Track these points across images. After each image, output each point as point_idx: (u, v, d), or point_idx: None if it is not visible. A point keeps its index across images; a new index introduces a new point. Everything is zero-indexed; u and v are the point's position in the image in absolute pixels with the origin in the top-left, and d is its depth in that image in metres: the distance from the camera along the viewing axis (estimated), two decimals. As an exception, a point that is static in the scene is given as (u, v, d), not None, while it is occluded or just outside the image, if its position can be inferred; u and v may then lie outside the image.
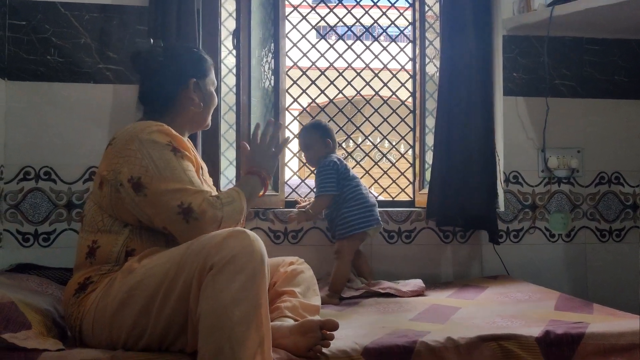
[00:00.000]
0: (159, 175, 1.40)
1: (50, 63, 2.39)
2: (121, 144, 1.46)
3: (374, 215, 2.29)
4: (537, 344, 1.53)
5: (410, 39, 2.88)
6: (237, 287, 1.22)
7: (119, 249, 1.45)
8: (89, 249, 1.46)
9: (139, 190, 1.40)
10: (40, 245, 2.36)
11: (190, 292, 1.26)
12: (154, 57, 1.64)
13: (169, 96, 1.63)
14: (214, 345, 1.19)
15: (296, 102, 2.84)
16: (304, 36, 2.82)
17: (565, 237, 2.71)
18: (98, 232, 1.47)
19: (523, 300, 2.05)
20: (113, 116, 2.41)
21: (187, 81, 1.64)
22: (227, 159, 2.71)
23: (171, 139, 1.48)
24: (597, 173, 2.75)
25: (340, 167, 2.29)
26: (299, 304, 1.65)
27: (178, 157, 1.45)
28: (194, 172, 1.47)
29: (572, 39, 2.73)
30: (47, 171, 2.38)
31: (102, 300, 1.37)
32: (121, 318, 1.34)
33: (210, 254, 1.25)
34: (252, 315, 1.22)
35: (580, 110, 2.74)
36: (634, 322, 1.66)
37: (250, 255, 1.26)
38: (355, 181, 2.31)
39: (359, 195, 2.28)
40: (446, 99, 2.50)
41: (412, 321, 1.77)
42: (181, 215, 1.38)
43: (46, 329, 1.47)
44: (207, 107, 1.70)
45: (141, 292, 1.32)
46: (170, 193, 1.39)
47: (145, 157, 1.42)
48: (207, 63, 1.72)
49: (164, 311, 1.30)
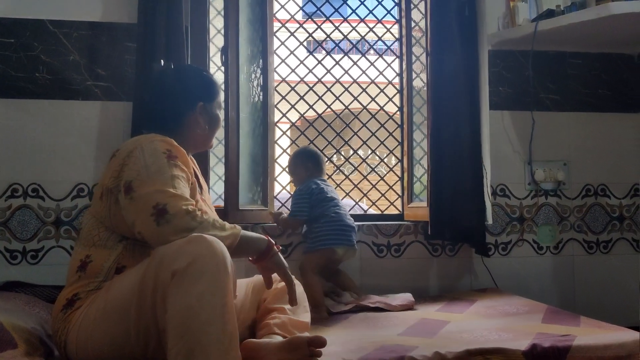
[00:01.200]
0: (148, 179, 1.39)
1: (38, 80, 2.40)
2: (125, 153, 1.46)
3: (346, 235, 2.30)
4: (524, 357, 1.54)
5: (397, 54, 2.92)
6: (202, 288, 1.21)
7: (110, 264, 1.44)
8: (81, 263, 1.45)
9: (128, 193, 1.39)
10: (28, 262, 2.35)
11: (157, 303, 1.26)
12: (165, 79, 1.66)
13: (177, 118, 1.64)
14: (184, 348, 1.18)
15: (285, 117, 2.86)
16: (292, 52, 2.85)
17: (553, 250, 2.73)
18: (93, 246, 1.46)
19: (511, 313, 2.06)
20: (101, 133, 2.42)
21: (195, 104, 1.65)
22: (217, 174, 2.72)
23: (171, 148, 1.48)
24: (584, 185, 2.78)
25: (315, 191, 2.35)
26: (288, 320, 1.65)
27: (171, 164, 1.43)
28: (183, 181, 1.44)
29: (556, 53, 2.77)
30: (35, 188, 2.38)
31: (85, 319, 1.37)
32: (99, 334, 1.33)
33: (172, 261, 1.23)
34: (219, 315, 1.21)
35: (565, 123, 2.77)
36: (620, 334, 1.67)
37: (212, 256, 1.24)
38: (334, 202, 2.35)
39: (334, 214, 2.31)
40: (436, 113, 2.52)
41: (400, 336, 1.78)
42: (153, 216, 1.33)
43: (32, 348, 1.46)
44: (212, 129, 1.71)
45: (113, 307, 1.32)
46: (151, 194, 1.36)
47: (140, 162, 1.42)
48: (216, 87, 1.73)
49: (139, 324, 1.30)
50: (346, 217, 2.35)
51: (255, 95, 2.60)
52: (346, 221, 2.33)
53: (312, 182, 2.39)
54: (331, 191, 2.40)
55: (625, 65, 2.83)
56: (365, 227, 2.59)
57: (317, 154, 2.52)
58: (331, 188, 2.44)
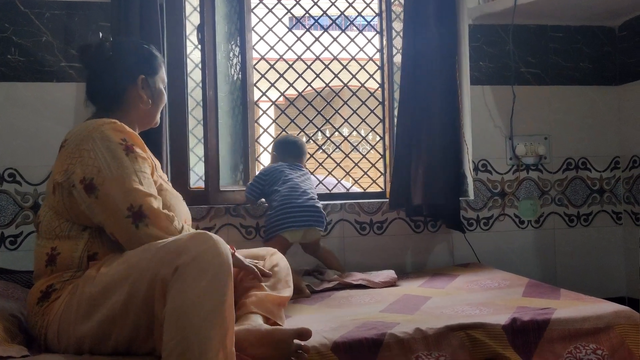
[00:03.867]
0: (111, 175, 1.37)
1: (11, 62, 2.34)
2: (74, 144, 1.43)
3: (295, 218, 2.19)
4: (504, 331, 1.55)
5: (378, 29, 2.88)
6: (203, 285, 1.21)
7: (80, 254, 1.42)
8: (49, 257, 1.42)
9: (91, 192, 1.37)
10: (7, 248, 2.33)
11: (154, 296, 1.25)
12: (102, 52, 1.60)
13: (117, 93, 1.60)
14: (181, 343, 1.18)
15: (265, 96, 2.83)
16: (271, 29, 2.80)
17: (534, 224, 2.75)
18: (56, 238, 1.44)
19: (492, 287, 2.08)
20: (77, 115, 2.38)
21: (135, 78, 1.61)
22: (197, 155, 2.69)
23: (125, 136, 1.45)
24: (565, 159, 2.79)
25: (272, 172, 2.33)
26: (264, 296, 1.62)
27: (131, 157, 1.41)
28: (148, 175, 1.44)
29: (536, 27, 2.75)
30: (12, 173, 2.34)
31: (66, 310, 1.35)
32: (85, 327, 1.32)
33: (175, 256, 1.24)
34: (219, 312, 1.22)
35: (546, 98, 2.77)
36: (598, 306, 1.69)
37: (215, 254, 1.25)
38: (289, 183, 2.27)
39: (282, 197, 2.22)
40: (410, 88, 2.51)
41: (382, 312, 1.78)
42: (130, 218, 1.34)
43: (11, 336, 1.44)
44: (155, 104, 1.67)
45: (103, 300, 1.30)
46: (121, 194, 1.35)
47: (99, 157, 1.39)
48: (158, 60, 1.69)
49: (128, 317, 1.28)
50: (299, 197, 2.23)
51: (234, 74, 2.56)
52: (296, 202, 2.21)
53: (274, 166, 2.37)
54: (296, 175, 2.33)
55: (606, 38, 2.82)
56: (347, 206, 2.59)
57: (288, 140, 2.50)
58: (300, 173, 2.36)
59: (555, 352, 1.54)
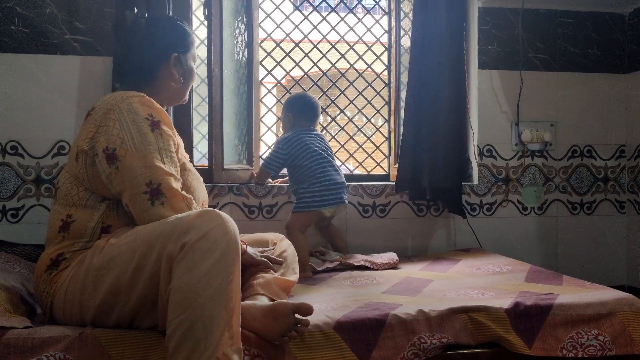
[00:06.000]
0: (134, 149, 1.36)
1: (14, 34, 2.31)
2: (101, 113, 1.42)
3: (334, 195, 2.26)
4: (507, 315, 1.55)
5: (386, 10, 2.85)
6: (210, 264, 1.21)
7: (95, 224, 1.41)
8: (63, 223, 1.42)
9: (112, 162, 1.36)
10: (8, 221, 2.32)
11: (160, 271, 1.25)
12: (137, 28, 1.58)
13: (150, 70, 1.58)
14: (185, 321, 1.18)
15: (270, 75, 2.80)
16: (278, 7, 2.77)
17: (537, 210, 2.74)
18: (73, 206, 1.43)
19: (494, 272, 2.08)
20: (81, 89, 2.36)
21: (169, 55, 1.59)
22: (200, 133, 2.67)
23: (152, 111, 1.43)
24: (570, 146, 2.77)
25: (290, 148, 2.29)
26: (272, 279, 1.63)
27: (156, 134, 1.40)
28: (172, 154, 1.43)
29: (546, 12, 2.72)
30: (14, 145, 2.32)
31: (73, 279, 1.35)
32: (90, 297, 1.32)
33: (183, 233, 1.23)
34: (225, 292, 1.22)
35: (554, 84, 2.75)
36: (601, 292, 1.69)
37: (223, 232, 1.24)
38: (318, 161, 2.27)
39: (319, 174, 2.25)
40: (418, 71, 2.48)
41: (384, 294, 1.78)
42: (147, 194, 1.35)
43: (13, 307, 1.45)
44: (186, 82, 1.66)
45: (109, 271, 1.30)
46: (141, 168, 1.35)
47: (124, 129, 1.38)
48: (190, 37, 1.67)
49: (134, 290, 1.28)
50: (333, 174, 2.28)
51: (240, 52, 2.53)
52: (336, 179, 2.28)
53: (295, 135, 2.33)
54: (316, 143, 2.32)
55: (616, 25, 2.79)
56: (351, 188, 2.58)
57: (304, 100, 2.44)
58: (318, 140, 2.35)
59: (557, 337, 1.54)
